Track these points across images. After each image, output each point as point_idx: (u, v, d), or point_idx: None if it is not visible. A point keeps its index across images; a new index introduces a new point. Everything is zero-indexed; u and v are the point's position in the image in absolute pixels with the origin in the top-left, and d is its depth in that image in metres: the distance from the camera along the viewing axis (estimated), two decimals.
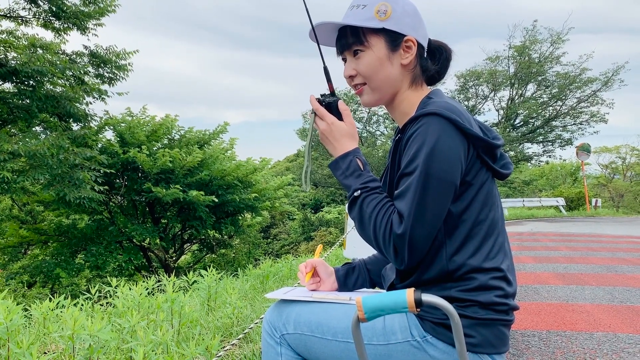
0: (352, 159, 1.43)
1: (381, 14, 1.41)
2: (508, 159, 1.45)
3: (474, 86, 28.22)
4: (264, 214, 21.18)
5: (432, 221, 1.27)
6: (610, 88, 26.08)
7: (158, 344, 2.57)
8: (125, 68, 13.63)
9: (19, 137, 11.22)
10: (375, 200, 1.35)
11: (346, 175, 1.42)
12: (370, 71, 1.44)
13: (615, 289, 5.52)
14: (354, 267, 1.69)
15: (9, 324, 2.41)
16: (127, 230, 15.37)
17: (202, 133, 17.50)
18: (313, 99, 1.50)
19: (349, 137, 1.47)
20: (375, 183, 1.39)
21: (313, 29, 1.46)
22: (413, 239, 1.26)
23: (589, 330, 3.93)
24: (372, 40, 1.43)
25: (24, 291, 16.41)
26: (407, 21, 1.43)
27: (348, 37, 1.45)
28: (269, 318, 1.53)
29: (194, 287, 4.35)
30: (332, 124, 1.47)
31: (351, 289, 1.67)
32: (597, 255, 8.53)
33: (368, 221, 1.33)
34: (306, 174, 1.58)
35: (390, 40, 1.43)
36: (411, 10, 1.45)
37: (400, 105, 1.49)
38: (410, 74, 1.47)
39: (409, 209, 1.26)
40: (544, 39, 26.27)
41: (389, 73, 1.44)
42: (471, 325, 1.30)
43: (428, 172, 1.26)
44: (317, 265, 1.65)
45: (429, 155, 1.26)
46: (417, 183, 1.26)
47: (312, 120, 1.51)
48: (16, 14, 12.06)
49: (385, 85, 1.46)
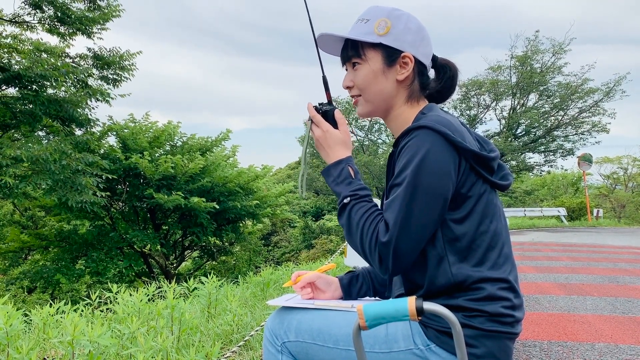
0: (344, 167, 1.46)
1: (380, 29, 1.43)
2: (507, 170, 1.46)
3: (476, 95, 28.25)
4: (265, 221, 21.19)
5: (418, 231, 1.28)
6: (612, 98, 26.09)
7: (158, 351, 2.56)
8: (129, 69, 13.66)
9: (22, 141, 11.23)
10: (364, 208, 1.37)
11: (337, 183, 1.45)
12: (364, 84, 1.47)
13: (617, 300, 5.50)
14: (357, 275, 1.68)
15: (9, 329, 2.40)
16: (128, 237, 15.37)
17: (204, 140, 17.53)
18: (310, 106, 1.54)
19: (342, 145, 1.50)
20: (365, 191, 1.41)
21: (315, 39, 1.51)
22: (398, 248, 1.27)
23: (591, 340, 3.91)
24: (369, 54, 1.45)
25: (24, 296, 16.40)
26: (407, 38, 1.44)
27: (349, 50, 1.49)
28: (270, 325, 1.53)
29: (195, 294, 4.34)
30: (327, 131, 1.50)
31: (355, 298, 1.66)
32: (598, 265, 8.50)
33: (355, 228, 1.35)
34: (302, 179, 1.60)
35: (387, 56, 1.45)
36: (414, 27, 1.46)
37: (395, 120, 1.51)
38: (406, 90, 1.48)
39: (395, 218, 1.27)
40: (545, 49, 26.36)
41: (383, 87, 1.46)
42: (476, 336, 1.29)
43: (416, 184, 1.27)
44: (314, 281, 1.64)
45: (417, 166, 1.27)
46: (405, 193, 1.28)
47: (308, 127, 1.55)
48: (21, 20, 12.12)
49: (378, 98, 1.48)
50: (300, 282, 1.63)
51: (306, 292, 1.63)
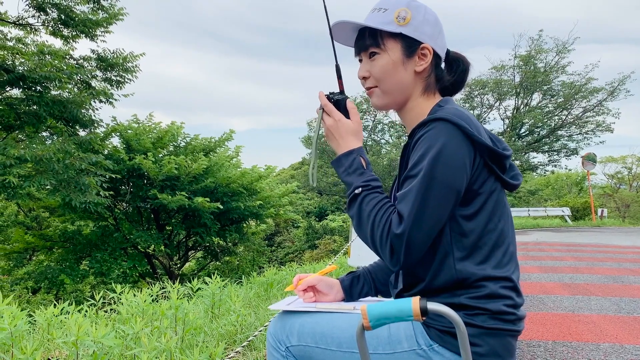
0: (355, 157, 1.43)
1: (400, 19, 1.41)
2: (517, 170, 1.45)
3: (480, 95, 28.23)
4: (268, 221, 21.18)
5: (431, 224, 1.27)
6: (616, 98, 26.07)
7: (162, 351, 2.56)
8: (133, 70, 13.68)
9: (26, 142, 11.26)
10: (376, 199, 1.35)
11: (348, 173, 1.42)
12: (382, 74, 1.45)
13: (621, 300, 5.48)
14: (358, 275, 1.67)
15: (13, 329, 2.41)
16: (131, 237, 15.39)
17: (207, 140, 17.55)
18: (322, 95, 1.51)
19: (354, 135, 1.47)
20: (377, 182, 1.39)
21: (329, 27, 1.47)
22: (411, 240, 1.25)
23: (595, 341, 3.90)
24: (389, 44, 1.43)
25: (29, 297, 16.43)
26: (426, 29, 1.43)
27: (366, 39, 1.45)
28: (272, 331, 1.52)
29: (198, 295, 4.35)
30: (339, 120, 1.47)
31: (357, 299, 1.65)
32: (603, 265, 8.47)
33: (367, 219, 1.33)
34: (313, 168, 1.57)
35: (407, 46, 1.43)
36: (432, 19, 1.45)
37: (410, 112, 1.49)
38: (423, 82, 1.46)
39: (410, 210, 1.25)
40: (549, 48, 26.32)
41: (401, 78, 1.44)
42: (479, 334, 1.28)
43: (432, 176, 1.26)
44: (315, 284, 1.62)
45: (434, 158, 1.26)
46: (420, 185, 1.26)
47: (319, 116, 1.51)
48: (25, 22, 12.16)
49: (396, 89, 1.46)
50: (301, 285, 1.61)
51: (308, 296, 1.61)
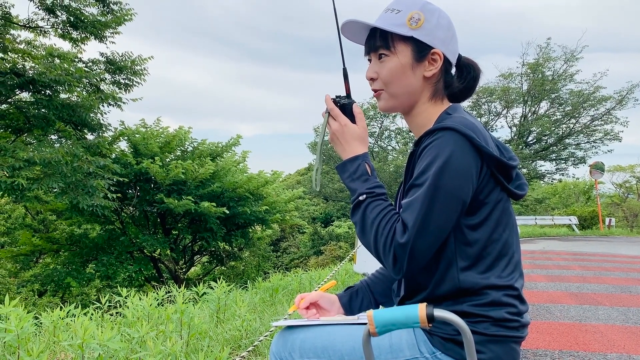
0: (360, 163, 1.41)
1: (413, 22, 1.39)
2: (524, 180, 1.43)
3: (487, 103, 28.14)
4: (274, 226, 21.22)
5: (436, 234, 1.26)
6: (625, 106, 25.85)
7: (167, 355, 2.56)
8: (141, 73, 13.77)
9: (35, 145, 11.35)
10: (380, 206, 1.33)
11: (353, 179, 1.40)
12: (391, 77, 1.43)
13: (629, 310, 5.44)
14: (356, 290, 1.65)
15: (20, 331, 2.42)
16: (138, 241, 15.45)
17: (215, 145, 17.62)
18: (328, 98, 1.49)
19: (359, 140, 1.45)
20: (381, 189, 1.38)
21: (338, 27, 1.45)
22: (414, 249, 1.25)
23: (603, 351, 3.86)
24: (399, 47, 1.41)
25: (35, 299, 16.51)
26: (438, 34, 1.41)
27: (376, 40, 1.43)
28: (274, 349, 1.50)
29: (204, 299, 4.35)
30: (345, 125, 1.45)
31: (357, 313, 1.63)
32: (610, 275, 8.41)
33: (370, 227, 1.32)
34: (317, 173, 1.55)
35: (417, 50, 1.40)
36: (445, 23, 1.43)
37: (417, 117, 1.47)
38: (431, 87, 1.44)
39: (414, 220, 1.24)
40: (557, 56, 26.22)
41: (409, 82, 1.42)
42: (482, 341, 1.28)
43: (438, 185, 1.25)
44: (317, 300, 1.60)
45: (440, 168, 1.25)
46: (426, 195, 1.25)
47: (325, 120, 1.49)
48: (35, 25, 12.26)
49: (403, 94, 1.44)
50: (303, 303, 1.59)
51: (312, 313, 1.59)
